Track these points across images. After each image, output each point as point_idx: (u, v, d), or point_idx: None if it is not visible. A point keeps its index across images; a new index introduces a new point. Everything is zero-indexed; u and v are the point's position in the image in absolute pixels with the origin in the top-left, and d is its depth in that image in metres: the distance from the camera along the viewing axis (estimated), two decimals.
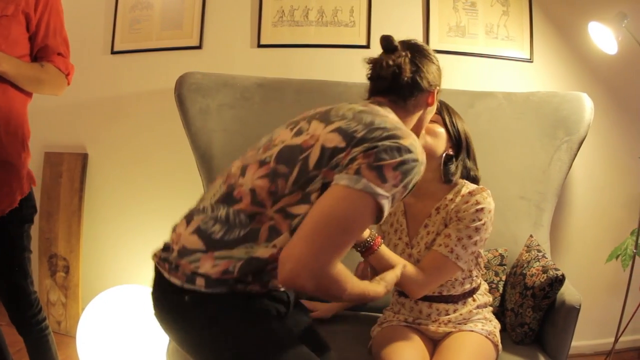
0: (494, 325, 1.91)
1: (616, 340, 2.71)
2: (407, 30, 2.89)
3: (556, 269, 1.98)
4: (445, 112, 1.90)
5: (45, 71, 1.95)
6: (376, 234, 1.68)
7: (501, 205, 2.50)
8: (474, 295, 1.92)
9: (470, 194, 1.82)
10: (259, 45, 2.89)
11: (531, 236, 2.40)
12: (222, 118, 2.55)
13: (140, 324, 2.50)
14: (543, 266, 2.04)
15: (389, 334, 1.85)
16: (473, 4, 2.90)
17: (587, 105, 2.58)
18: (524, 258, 2.22)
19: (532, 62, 2.94)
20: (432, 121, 1.85)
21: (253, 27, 2.90)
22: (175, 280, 1.32)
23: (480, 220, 1.78)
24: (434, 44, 2.87)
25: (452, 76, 2.90)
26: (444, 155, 1.87)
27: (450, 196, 1.87)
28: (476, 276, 1.92)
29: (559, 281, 1.95)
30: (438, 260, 1.77)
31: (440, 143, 1.86)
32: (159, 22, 2.98)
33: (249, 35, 2.91)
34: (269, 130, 2.54)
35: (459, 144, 1.90)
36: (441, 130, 1.87)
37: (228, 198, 1.34)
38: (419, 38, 2.83)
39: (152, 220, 2.90)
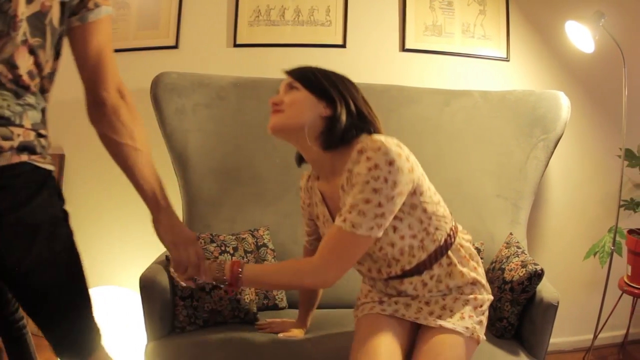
0: (482, 312, 1.70)
1: (595, 336, 2.73)
2: (383, 29, 2.89)
3: (535, 264, 1.99)
4: (297, 73, 1.65)
5: None
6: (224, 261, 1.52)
7: (478, 203, 2.53)
8: (448, 253, 1.64)
9: (360, 152, 1.48)
10: (235, 45, 2.86)
11: (511, 234, 2.41)
12: (198, 118, 2.53)
13: (119, 326, 2.48)
14: (522, 261, 2.06)
15: (366, 327, 1.66)
16: (450, 3, 2.90)
17: (563, 104, 2.60)
18: (503, 254, 2.23)
19: (508, 60, 2.95)
20: (287, 88, 1.64)
21: (229, 27, 2.88)
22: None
23: (377, 178, 1.43)
24: (410, 43, 2.87)
25: (428, 75, 2.90)
26: (321, 118, 1.57)
27: (347, 166, 1.55)
28: (436, 228, 1.60)
29: (537, 276, 1.96)
30: (331, 235, 1.50)
31: (303, 108, 1.57)
32: (136, 22, 2.95)
33: (225, 35, 2.89)
34: (245, 129, 2.56)
35: (331, 97, 1.57)
36: (295, 93, 1.61)
37: (22, 90, 1.27)
38: (395, 37, 2.90)
39: (129, 222, 2.86)
